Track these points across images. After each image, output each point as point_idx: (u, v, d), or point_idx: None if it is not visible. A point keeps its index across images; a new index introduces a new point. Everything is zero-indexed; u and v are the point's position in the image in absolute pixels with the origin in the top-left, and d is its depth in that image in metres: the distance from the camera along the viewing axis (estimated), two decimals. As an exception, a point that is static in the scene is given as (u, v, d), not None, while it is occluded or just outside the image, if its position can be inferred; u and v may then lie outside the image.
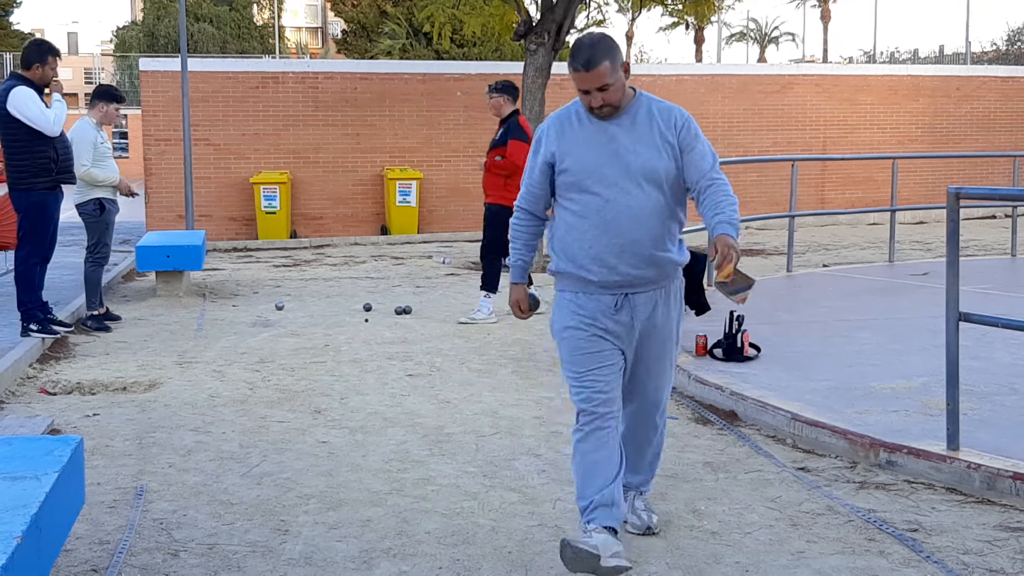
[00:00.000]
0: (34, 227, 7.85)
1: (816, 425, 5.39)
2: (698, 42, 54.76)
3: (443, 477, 4.91)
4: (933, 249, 14.31)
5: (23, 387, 6.78)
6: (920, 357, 6.95)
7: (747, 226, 17.47)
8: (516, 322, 9.04)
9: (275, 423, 5.88)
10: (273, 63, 19.76)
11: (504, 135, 9.06)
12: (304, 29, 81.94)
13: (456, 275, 12.30)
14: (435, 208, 16.98)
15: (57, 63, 7.93)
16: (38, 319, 7.86)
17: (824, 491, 4.69)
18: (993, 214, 18.99)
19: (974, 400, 5.73)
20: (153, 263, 10.37)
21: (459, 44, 28.58)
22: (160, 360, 7.57)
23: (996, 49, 53.64)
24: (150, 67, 16.36)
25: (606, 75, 3.70)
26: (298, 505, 4.54)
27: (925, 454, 4.86)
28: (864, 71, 19.95)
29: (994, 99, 19.79)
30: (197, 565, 3.90)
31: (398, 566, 3.88)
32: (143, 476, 4.96)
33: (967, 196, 4.92)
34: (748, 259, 13.64)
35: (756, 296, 9.75)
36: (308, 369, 7.28)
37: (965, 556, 3.93)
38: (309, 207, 16.62)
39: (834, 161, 17.91)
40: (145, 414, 6.08)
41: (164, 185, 16.08)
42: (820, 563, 3.88)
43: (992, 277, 10.68)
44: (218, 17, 50.01)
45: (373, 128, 16.77)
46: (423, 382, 6.88)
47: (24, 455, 3.60)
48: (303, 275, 12.44)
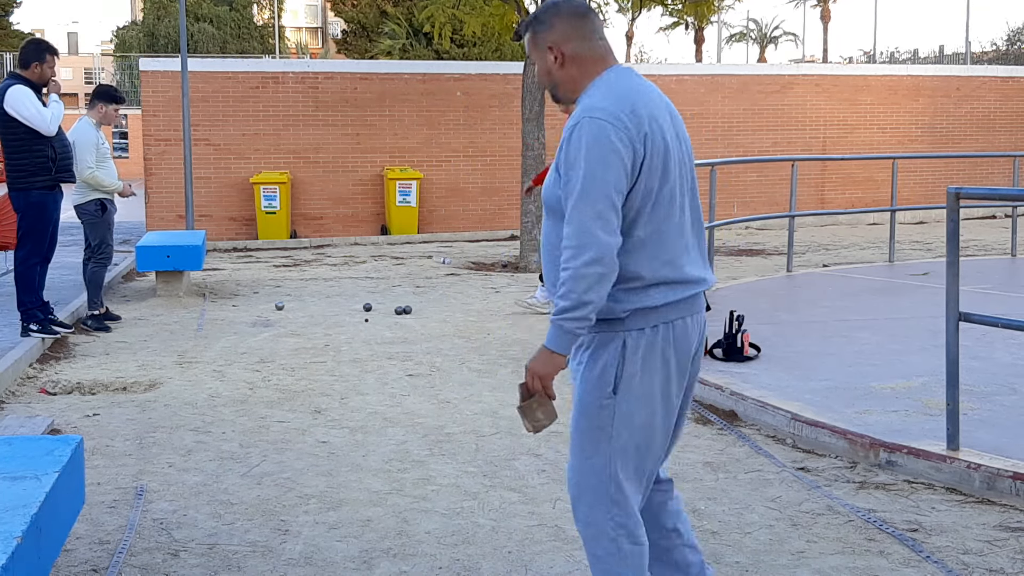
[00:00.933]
0: (33, 227, 7.84)
1: (816, 425, 5.39)
2: (698, 42, 54.73)
3: (443, 477, 4.91)
4: (933, 249, 14.31)
5: (23, 387, 6.78)
6: (920, 357, 6.95)
7: (747, 226, 17.50)
8: (516, 322, 9.05)
9: (275, 423, 5.88)
10: (273, 63, 19.77)
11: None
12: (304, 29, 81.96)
13: (456, 275, 12.30)
14: (435, 208, 16.99)
15: (55, 62, 7.93)
16: (38, 319, 7.86)
17: (824, 491, 4.69)
18: (993, 214, 18.99)
19: (974, 400, 5.73)
20: (153, 263, 10.37)
21: (459, 44, 28.58)
22: (160, 360, 7.57)
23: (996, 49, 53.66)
24: (150, 67, 16.36)
25: (528, 48, 3.00)
26: (298, 505, 4.54)
27: (925, 454, 4.86)
28: (864, 71, 19.95)
29: (994, 99, 19.79)
30: (197, 565, 3.90)
31: (398, 566, 3.88)
32: (143, 476, 4.96)
33: (967, 196, 4.92)
34: (749, 259, 13.65)
35: (757, 296, 9.81)
36: (308, 369, 7.28)
37: (965, 556, 3.93)
38: (309, 207, 16.62)
39: (834, 161, 17.91)
40: (145, 414, 6.08)
41: (164, 185, 16.09)
42: (820, 563, 3.88)
43: (992, 277, 10.68)
44: (218, 17, 49.99)
45: (373, 128, 16.77)
46: (423, 382, 6.88)
47: (24, 455, 3.60)
48: (303, 275, 12.44)
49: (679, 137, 2.92)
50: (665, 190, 2.82)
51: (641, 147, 2.75)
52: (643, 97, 2.84)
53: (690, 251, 2.91)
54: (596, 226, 2.69)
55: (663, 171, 2.80)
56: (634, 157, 2.74)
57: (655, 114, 2.82)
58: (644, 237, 2.80)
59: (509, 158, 16.83)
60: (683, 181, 2.91)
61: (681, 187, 2.89)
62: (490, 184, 17.23)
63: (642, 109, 2.79)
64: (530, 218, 12.74)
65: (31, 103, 7.61)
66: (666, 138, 2.83)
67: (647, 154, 2.76)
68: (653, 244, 2.82)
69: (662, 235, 2.83)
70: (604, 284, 2.71)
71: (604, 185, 2.70)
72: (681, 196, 2.89)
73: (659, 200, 2.81)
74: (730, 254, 14.21)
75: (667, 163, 2.82)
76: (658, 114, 2.84)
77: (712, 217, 9.83)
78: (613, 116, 2.74)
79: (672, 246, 2.85)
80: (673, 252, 2.85)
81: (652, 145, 2.77)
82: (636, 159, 2.75)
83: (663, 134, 2.82)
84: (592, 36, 2.93)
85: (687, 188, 2.93)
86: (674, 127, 2.91)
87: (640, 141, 2.75)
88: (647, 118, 2.79)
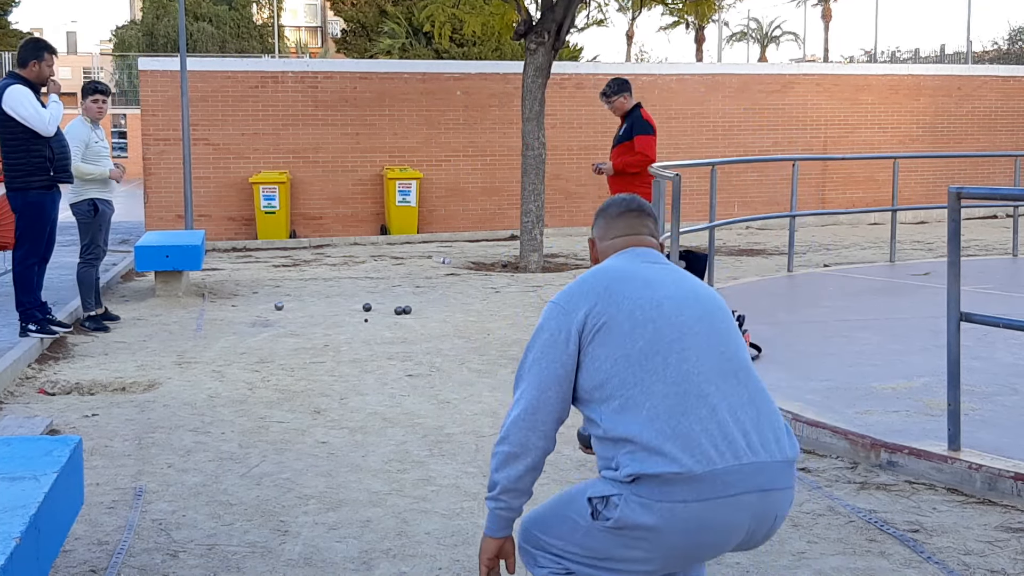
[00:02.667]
0: (31, 227, 7.83)
1: (817, 425, 5.38)
2: (698, 41, 54.76)
3: (443, 477, 4.90)
4: (934, 249, 14.30)
5: (22, 387, 6.77)
6: (921, 357, 6.94)
7: (747, 226, 17.48)
8: (516, 322, 9.04)
9: (275, 423, 5.87)
10: (272, 62, 19.76)
11: (629, 130, 8.92)
12: (304, 28, 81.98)
13: (456, 275, 12.28)
14: (435, 208, 16.97)
15: (54, 61, 7.92)
16: (36, 319, 7.85)
17: (825, 491, 4.68)
18: (994, 214, 18.98)
19: (975, 400, 5.72)
20: (152, 263, 10.36)
21: (459, 44, 28.58)
22: (159, 360, 7.56)
23: (997, 48, 53.67)
24: (149, 66, 16.35)
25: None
26: (298, 505, 4.53)
27: (926, 454, 4.85)
28: (865, 70, 19.94)
29: (995, 99, 19.77)
30: (196, 566, 3.88)
31: (398, 567, 3.86)
32: (142, 476, 4.94)
33: (968, 196, 4.90)
34: (749, 259, 13.65)
35: (757, 296, 9.79)
36: (308, 369, 7.27)
37: (966, 557, 3.92)
38: (309, 207, 16.61)
39: (835, 161, 17.90)
40: (144, 414, 6.07)
41: (163, 185, 16.07)
42: (821, 564, 3.87)
43: (993, 277, 10.67)
44: (217, 16, 49.98)
45: (373, 128, 16.76)
46: (423, 382, 6.87)
47: (23, 455, 3.58)
48: (303, 275, 12.43)
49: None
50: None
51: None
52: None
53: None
54: None
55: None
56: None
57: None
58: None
59: (509, 158, 16.82)
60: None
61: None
62: (490, 184, 17.22)
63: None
64: (530, 218, 12.73)
65: (29, 103, 7.60)
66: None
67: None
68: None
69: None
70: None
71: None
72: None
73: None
74: (730, 254, 14.20)
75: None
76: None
77: (712, 217, 9.82)
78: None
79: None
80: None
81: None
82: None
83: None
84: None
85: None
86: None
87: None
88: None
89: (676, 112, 17.64)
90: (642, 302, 2.67)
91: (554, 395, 2.68)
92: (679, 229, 7.71)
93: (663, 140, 13.06)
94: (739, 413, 2.59)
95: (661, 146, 11.82)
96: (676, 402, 2.56)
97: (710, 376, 2.61)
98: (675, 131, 17.38)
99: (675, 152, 16.92)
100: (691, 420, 2.54)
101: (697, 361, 2.62)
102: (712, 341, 2.68)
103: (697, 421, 2.55)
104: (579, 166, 17.38)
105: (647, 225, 2.95)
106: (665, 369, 2.59)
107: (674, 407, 2.55)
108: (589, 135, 17.38)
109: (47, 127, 7.65)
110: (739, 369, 2.66)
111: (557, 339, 2.69)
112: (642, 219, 2.95)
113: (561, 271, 12.59)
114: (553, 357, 2.68)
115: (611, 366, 2.62)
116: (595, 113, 17.19)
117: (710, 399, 2.58)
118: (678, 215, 7.67)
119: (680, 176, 7.81)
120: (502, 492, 2.68)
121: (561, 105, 17.09)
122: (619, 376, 2.61)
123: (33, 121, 7.60)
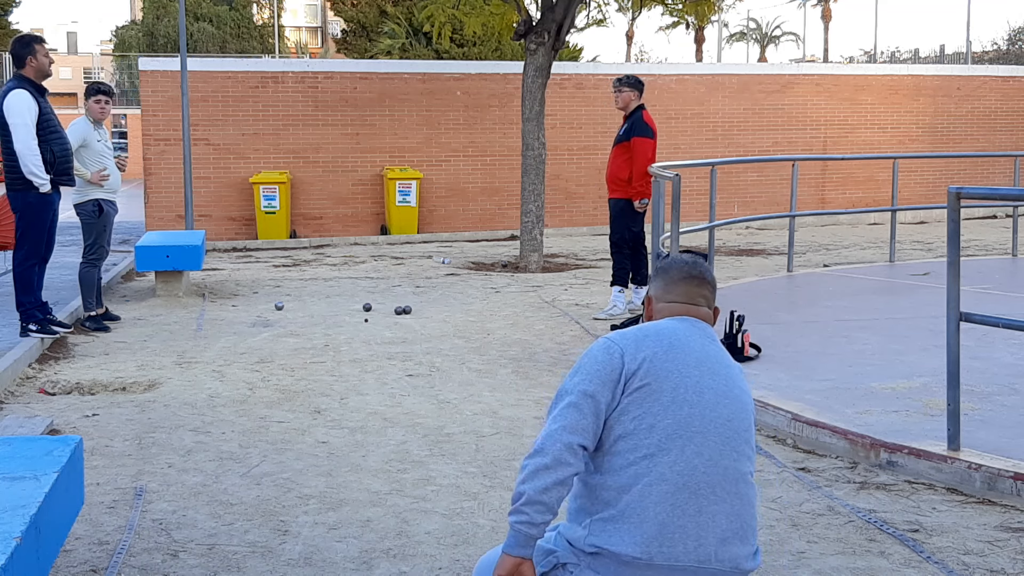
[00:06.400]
0: (31, 228, 7.83)
1: (816, 425, 5.38)
2: (698, 42, 54.77)
3: (443, 477, 4.90)
4: (934, 249, 14.30)
5: (22, 387, 6.77)
6: (921, 357, 6.94)
7: (747, 226, 17.49)
8: (516, 322, 9.04)
9: (275, 423, 5.87)
10: (273, 63, 19.76)
11: (628, 131, 9.02)
12: (304, 29, 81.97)
13: (456, 275, 12.29)
14: (435, 208, 16.98)
15: (46, 49, 7.90)
16: (37, 319, 7.85)
17: (825, 491, 4.68)
18: (994, 214, 18.98)
19: (975, 400, 5.72)
20: (152, 263, 10.36)
21: (459, 44, 28.56)
22: (159, 360, 7.56)
23: (997, 49, 53.64)
24: (149, 67, 16.35)
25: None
26: (298, 505, 4.53)
27: (926, 454, 4.85)
28: (865, 71, 19.94)
29: (995, 99, 19.78)
30: (197, 566, 3.89)
31: (398, 566, 3.87)
32: (142, 476, 4.95)
33: (968, 196, 4.91)
34: (749, 259, 13.65)
35: (757, 296, 9.79)
36: (308, 369, 7.27)
37: (966, 557, 3.93)
38: (309, 207, 16.61)
39: (834, 161, 17.90)
40: (144, 414, 6.08)
41: (164, 185, 16.08)
42: (820, 564, 3.88)
43: (993, 277, 10.68)
44: (218, 17, 49.98)
45: (373, 128, 16.76)
46: (423, 382, 6.88)
47: (23, 455, 3.59)
48: (303, 275, 12.43)
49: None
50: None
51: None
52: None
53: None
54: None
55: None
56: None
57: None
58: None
59: (509, 158, 16.83)
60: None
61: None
62: (490, 184, 17.22)
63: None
64: (530, 218, 12.73)
65: (27, 111, 7.56)
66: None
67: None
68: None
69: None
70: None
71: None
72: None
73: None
74: (730, 254, 14.20)
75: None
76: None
77: (712, 217, 9.83)
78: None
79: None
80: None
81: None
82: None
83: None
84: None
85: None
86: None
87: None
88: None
89: (676, 112, 17.64)
90: (688, 382, 2.70)
91: (591, 423, 2.68)
92: (679, 229, 7.72)
93: (663, 140, 13.06)
94: (722, 521, 2.65)
95: (661, 146, 11.82)
96: (672, 491, 2.61)
97: (713, 479, 2.66)
98: (675, 131, 17.38)
99: (675, 152, 16.92)
100: (677, 514, 2.60)
101: (709, 460, 2.66)
102: (729, 447, 2.71)
103: (682, 515, 2.60)
104: (579, 166, 17.39)
105: (705, 296, 2.95)
106: (680, 455, 2.64)
107: (668, 494, 2.61)
108: (589, 135, 17.38)
109: (25, 145, 7.51)
110: (740, 480, 2.70)
111: (607, 375, 2.70)
112: (702, 288, 2.95)
113: (561, 271, 12.59)
114: (598, 388, 2.70)
115: (635, 427, 2.66)
116: (595, 113, 17.21)
117: (702, 500, 2.64)
118: (678, 215, 7.67)
119: (680, 176, 7.82)
120: (526, 503, 2.64)
121: (561, 105, 17.10)
122: (637, 439, 2.64)
123: (18, 132, 7.54)
